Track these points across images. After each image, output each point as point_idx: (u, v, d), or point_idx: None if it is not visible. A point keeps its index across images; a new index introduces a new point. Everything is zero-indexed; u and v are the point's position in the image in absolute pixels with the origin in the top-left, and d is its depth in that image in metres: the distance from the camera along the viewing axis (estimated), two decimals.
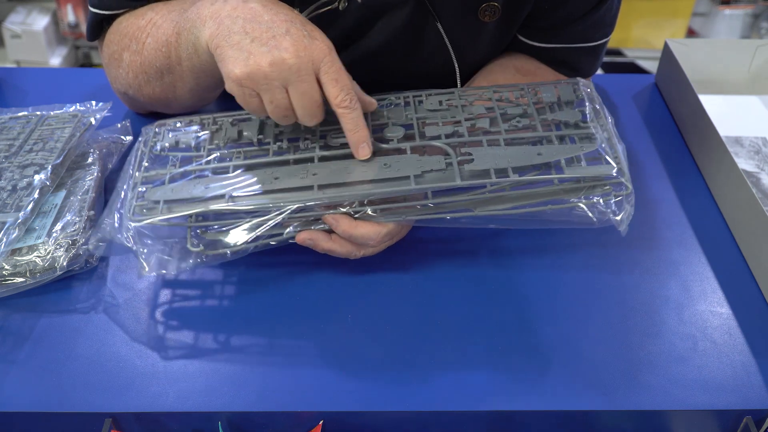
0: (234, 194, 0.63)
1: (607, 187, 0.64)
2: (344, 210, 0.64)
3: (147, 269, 0.64)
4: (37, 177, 0.72)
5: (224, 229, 0.64)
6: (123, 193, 0.68)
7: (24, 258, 0.66)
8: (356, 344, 0.65)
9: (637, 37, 2.38)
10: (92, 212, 0.71)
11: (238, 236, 0.64)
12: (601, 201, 0.64)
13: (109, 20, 0.79)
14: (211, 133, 0.72)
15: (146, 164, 0.70)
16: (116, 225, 0.65)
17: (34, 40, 2.29)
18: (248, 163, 0.67)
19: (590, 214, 0.64)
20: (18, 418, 0.59)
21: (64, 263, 0.66)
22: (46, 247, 0.67)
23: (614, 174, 0.64)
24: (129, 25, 0.76)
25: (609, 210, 0.64)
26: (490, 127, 0.69)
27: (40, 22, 2.30)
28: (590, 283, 0.71)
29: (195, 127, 0.73)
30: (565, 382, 0.62)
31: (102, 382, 0.61)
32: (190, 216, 0.65)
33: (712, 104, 0.97)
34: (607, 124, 0.70)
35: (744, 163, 0.87)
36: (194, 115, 0.76)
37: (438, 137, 0.68)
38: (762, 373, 0.63)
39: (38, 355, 0.63)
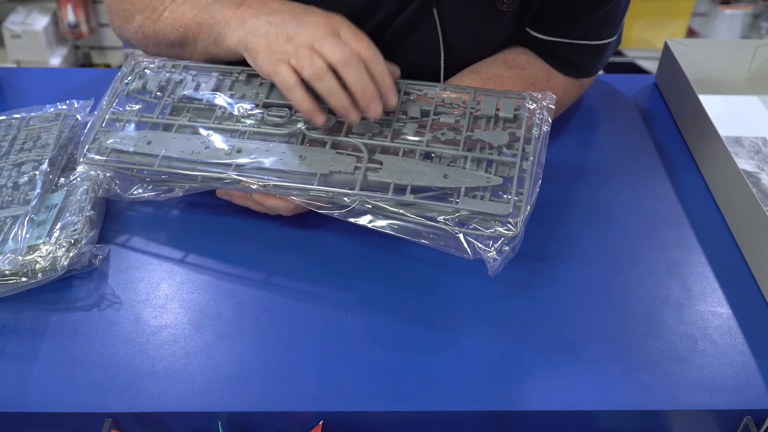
0: (168, 155, 0.70)
1: (498, 224, 0.65)
2: (254, 187, 0.68)
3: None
4: (36, 172, 0.73)
5: (151, 180, 0.72)
6: (87, 128, 0.75)
7: (25, 258, 0.66)
8: (356, 344, 0.65)
9: (637, 37, 2.38)
10: (92, 212, 0.71)
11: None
12: (477, 244, 0.65)
13: None
14: (174, 83, 0.77)
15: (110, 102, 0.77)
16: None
17: (34, 40, 2.29)
18: (189, 125, 0.73)
19: (466, 246, 0.65)
20: (18, 418, 0.59)
21: (65, 263, 0.66)
22: (47, 246, 0.67)
23: (506, 214, 0.64)
24: None
25: (489, 248, 0.64)
26: (413, 135, 0.70)
27: (40, 22, 2.30)
28: (590, 283, 0.71)
29: (162, 73, 0.78)
30: (565, 382, 0.62)
31: (102, 382, 0.61)
32: (130, 169, 0.72)
33: (712, 104, 0.97)
34: (535, 155, 0.68)
35: (744, 163, 0.87)
36: (170, 60, 0.80)
37: (363, 135, 0.71)
38: (762, 373, 0.63)
39: (38, 355, 0.63)
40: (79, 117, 0.82)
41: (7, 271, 0.65)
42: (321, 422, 0.60)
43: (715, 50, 1.01)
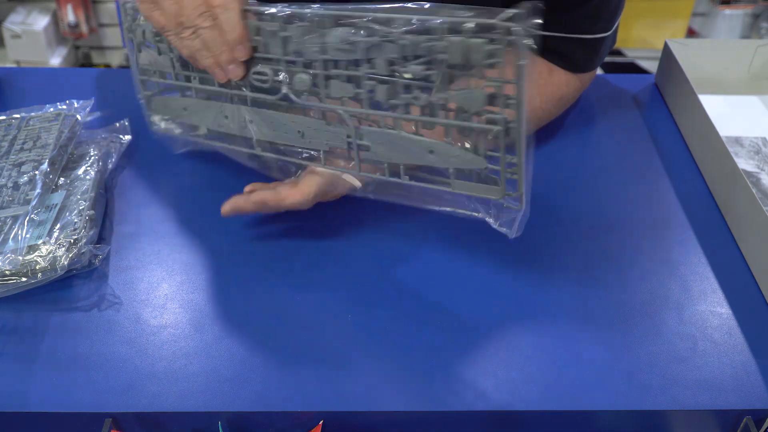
0: (212, 128, 0.74)
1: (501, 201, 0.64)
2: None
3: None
4: (36, 172, 0.73)
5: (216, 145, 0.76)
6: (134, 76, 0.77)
7: (25, 258, 0.66)
8: (356, 344, 0.65)
9: (637, 37, 2.38)
10: (92, 212, 0.71)
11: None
12: (489, 219, 0.66)
13: None
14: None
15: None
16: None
17: (34, 40, 2.29)
18: (205, 89, 0.73)
19: (477, 215, 0.66)
20: (18, 418, 0.59)
21: (65, 263, 0.66)
22: (47, 246, 0.67)
23: (499, 198, 0.62)
24: None
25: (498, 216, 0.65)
26: (387, 100, 0.62)
27: (40, 22, 2.30)
28: (590, 283, 0.71)
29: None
30: (564, 382, 0.62)
31: (102, 382, 0.61)
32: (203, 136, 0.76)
33: (712, 104, 0.97)
34: (521, 113, 0.57)
35: (744, 163, 0.87)
36: None
37: (340, 99, 0.65)
38: (762, 373, 0.63)
39: (38, 355, 0.63)
40: (79, 117, 0.82)
41: (7, 271, 0.65)
42: (321, 422, 0.60)
43: (715, 50, 1.01)
